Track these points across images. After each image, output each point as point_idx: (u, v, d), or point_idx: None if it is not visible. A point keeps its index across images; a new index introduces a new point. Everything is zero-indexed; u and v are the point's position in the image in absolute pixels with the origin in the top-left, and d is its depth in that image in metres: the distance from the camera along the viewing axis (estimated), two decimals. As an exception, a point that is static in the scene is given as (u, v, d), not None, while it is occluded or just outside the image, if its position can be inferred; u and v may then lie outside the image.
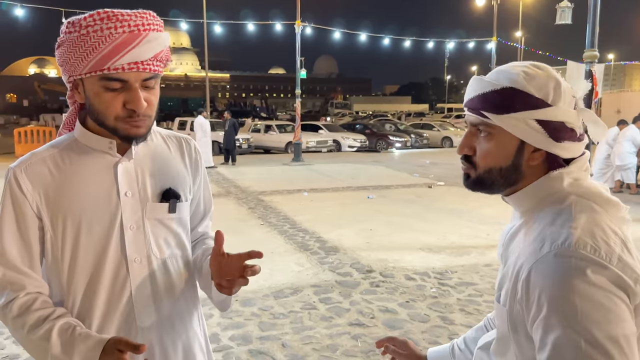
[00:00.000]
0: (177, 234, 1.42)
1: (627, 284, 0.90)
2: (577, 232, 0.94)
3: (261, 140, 22.48)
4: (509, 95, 1.03)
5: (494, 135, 1.06)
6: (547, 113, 1.02)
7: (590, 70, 6.88)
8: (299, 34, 18.05)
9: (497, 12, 23.70)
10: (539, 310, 0.91)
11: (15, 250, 1.28)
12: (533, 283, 0.93)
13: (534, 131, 1.02)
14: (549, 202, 1.05)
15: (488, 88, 1.05)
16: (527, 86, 1.02)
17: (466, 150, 1.11)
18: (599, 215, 0.99)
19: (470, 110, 1.09)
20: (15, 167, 1.30)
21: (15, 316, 1.25)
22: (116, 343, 1.16)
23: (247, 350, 3.80)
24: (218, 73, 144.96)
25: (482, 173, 1.09)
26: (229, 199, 10.23)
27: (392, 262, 5.94)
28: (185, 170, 1.46)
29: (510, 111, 1.02)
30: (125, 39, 1.20)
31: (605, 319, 0.86)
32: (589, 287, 0.88)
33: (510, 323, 1.02)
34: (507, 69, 1.07)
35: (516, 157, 1.06)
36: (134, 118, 1.26)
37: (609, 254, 0.92)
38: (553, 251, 0.93)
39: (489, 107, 1.04)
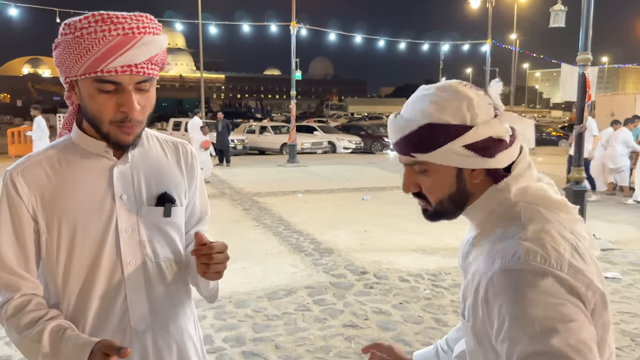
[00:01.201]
0: (171, 238, 1.42)
1: (579, 290, 0.91)
2: (526, 244, 0.95)
3: (256, 142, 22.45)
4: (430, 132, 1.03)
5: (431, 170, 1.08)
6: (470, 136, 1.02)
7: (583, 73, 6.92)
8: (295, 35, 18.05)
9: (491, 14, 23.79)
10: (500, 325, 0.92)
11: (11, 253, 1.28)
12: (491, 299, 0.95)
13: (465, 157, 1.03)
14: (498, 213, 1.07)
15: (407, 130, 1.06)
16: (442, 117, 1.03)
17: (412, 188, 1.13)
18: (547, 222, 1.00)
19: (399, 152, 1.11)
20: (12, 170, 1.31)
21: (10, 317, 1.26)
22: (103, 347, 1.16)
23: (240, 352, 3.80)
24: (213, 74, 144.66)
25: (435, 206, 1.11)
26: (223, 200, 10.22)
27: (386, 264, 5.96)
28: (181, 175, 1.47)
29: (435, 147, 1.03)
30: (118, 41, 1.20)
31: (563, 327, 0.87)
32: (543, 297, 0.89)
33: (476, 338, 1.04)
34: (418, 104, 1.07)
35: (459, 182, 1.08)
36: (125, 123, 1.25)
37: (559, 261, 0.93)
38: (504, 265, 0.94)
39: (415, 148, 1.06)
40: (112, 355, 1.14)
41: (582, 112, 7.04)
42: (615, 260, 6.15)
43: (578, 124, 7.12)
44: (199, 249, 1.28)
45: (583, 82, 6.93)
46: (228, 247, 1.34)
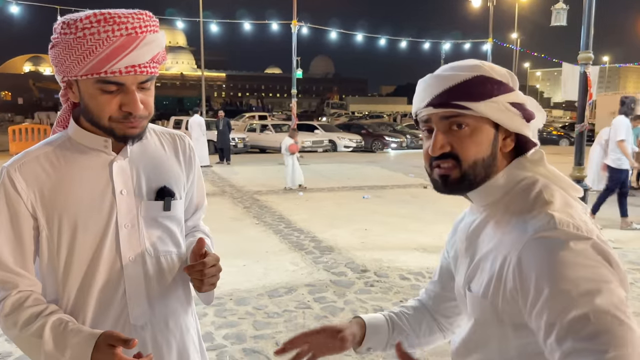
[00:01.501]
0: (171, 232, 1.42)
1: (610, 257, 0.93)
2: (557, 214, 0.97)
3: (257, 140, 22.44)
4: (484, 82, 1.04)
5: (471, 126, 1.05)
6: (516, 96, 1.07)
7: (584, 72, 6.91)
8: (296, 33, 18.06)
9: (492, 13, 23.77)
10: (538, 294, 0.91)
11: (8, 250, 1.27)
12: (526, 268, 0.94)
13: (512, 114, 1.05)
14: (519, 188, 1.07)
15: (457, 79, 1.04)
16: (493, 74, 1.06)
17: (444, 148, 1.05)
18: (568, 199, 1.04)
19: (439, 106, 1.05)
20: (8, 166, 1.30)
21: (8, 314, 1.25)
22: (107, 338, 1.16)
23: (241, 349, 3.80)
24: (214, 72, 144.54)
25: (467, 168, 1.05)
26: (224, 198, 10.22)
27: (386, 262, 5.95)
28: (180, 167, 1.47)
29: (490, 96, 1.04)
30: (122, 42, 1.19)
31: (605, 288, 0.87)
32: (581, 259, 0.90)
33: (495, 313, 1.02)
34: (463, 64, 1.09)
35: (494, 145, 1.07)
36: (129, 119, 1.25)
37: (590, 231, 0.95)
38: (539, 233, 0.95)
39: (467, 97, 1.03)
40: (118, 347, 1.14)
41: (584, 111, 7.03)
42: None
43: (579, 122, 7.12)
44: (193, 267, 1.31)
45: (584, 80, 6.92)
46: (230, 247, 1.35)
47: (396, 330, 1.34)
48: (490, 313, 1.03)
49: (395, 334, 1.33)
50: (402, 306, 1.41)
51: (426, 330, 1.37)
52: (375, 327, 1.32)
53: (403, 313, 1.38)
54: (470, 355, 1.12)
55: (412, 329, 1.35)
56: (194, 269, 1.31)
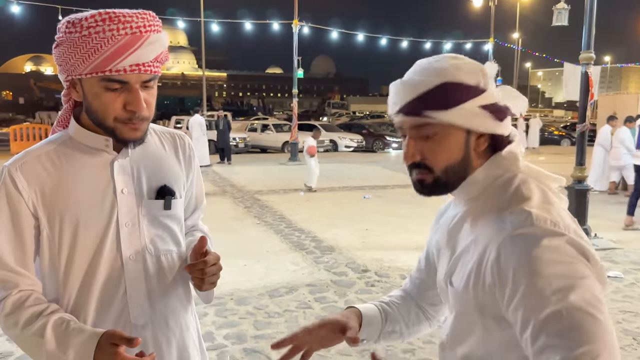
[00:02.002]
0: (171, 231, 1.43)
1: (587, 252, 0.94)
2: (534, 211, 0.98)
3: (258, 140, 22.45)
4: (448, 90, 1.03)
5: (441, 134, 1.05)
6: (486, 97, 1.05)
7: (586, 72, 6.90)
8: (297, 33, 18.04)
9: (494, 13, 23.75)
10: (515, 290, 0.93)
11: (8, 250, 1.27)
12: (504, 264, 0.95)
13: (482, 117, 1.04)
14: (498, 184, 1.08)
15: (424, 88, 1.04)
16: (459, 77, 1.04)
17: (416, 157, 1.08)
18: (546, 194, 1.04)
19: (408, 115, 1.06)
20: (9, 165, 1.30)
21: (9, 313, 1.25)
22: (110, 337, 1.16)
23: (241, 349, 3.80)
24: (215, 72, 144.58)
25: (439, 174, 1.08)
26: (224, 198, 10.22)
27: (387, 262, 5.95)
28: (179, 167, 1.47)
29: (455, 104, 1.03)
30: (127, 40, 1.20)
31: (579, 284, 0.88)
32: (557, 256, 0.91)
33: (476, 306, 1.03)
34: (433, 65, 1.06)
35: (465, 148, 1.08)
36: (132, 120, 1.25)
37: (567, 227, 0.96)
38: (517, 230, 0.96)
39: (434, 106, 1.03)
40: (120, 346, 1.14)
41: (585, 111, 7.03)
42: (617, 260, 6.14)
43: (580, 122, 7.11)
44: (194, 265, 1.31)
45: (586, 80, 6.92)
46: (231, 246, 1.35)
47: (389, 320, 1.33)
48: (471, 306, 1.05)
49: (388, 324, 1.33)
50: (389, 296, 1.41)
51: (415, 319, 1.37)
52: (370, 318, 1.30)
53: (393, 302, 1.38)
54: (456, 348, 1.13)
55: (402, 318, 1.35)
56: (195, 268, 1.31)
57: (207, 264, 1.31)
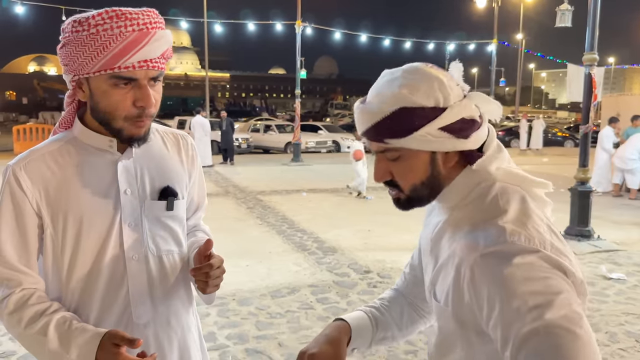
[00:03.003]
0: (174, 231, 1.43)
1: (563, 265, 0.92)
2: (509, 226, 0.96)
3: (260, 140, 22.47)
4: (403, 117, 1.00)
5: (404, 156, 1.05)
6: (446, 118, 1.00)
7: (589, 73, 6.89)
8: (300, 34, 18.05)
9: (497, 14, 23.74)
10: (491, 309, 0.91)
11: (12, 248, 1.28)
12: (479, 283, 0.93)
13: (441, 139, 1.01)
14: (474, 195, 1.06)
15: (379, 116, 1.03)
16: (415, 100, 1.00)
17: (384, 177, 1.10)
18: (525, 204, 1.01)
19: (370, 140, 1.07)
20: (14, 165, 1.30)
21: (12, 312, 1.25)
22: (112, 337, 1.17)
23: (243, 349, 3.80)
24: (218, 72, 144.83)
25: (409, 193, 1.09)
26: (227, 199, 10.23)
27: (389, 263, 5.95)
28: (182, 167, 1.48)
29: (411, 132, 1.01)
30: (135, 37, 1.21)
31: (555, 300, 0.86)
32: (530, 273, 0.89)
33: (457, 321, 1.02)
34: (387, 89, 1.03)
35: (432, 167, 1.06)
36: (141, 117, 1.26)
37: (542, 241, 0.94)
38: (489, 247, 0.94)
39: (389, 134, 1.03)
40: (122, 346, 1.15)
41: (588, 112, 7.01)
42: (620, 262, 6.12)
43: (584, 124, 7.09)
44: (200, 269, 1.30)
45: (589, 82, 6.90)
46: (233, 247, 1.35)
47: (380, 326, 1.31)
48: (453, 321, 1.04)
49: (380, 331, 1.31)
50: (380, 298, 1.39)
51: (407, 321, 1.36)
52: (360, 329, 1.28)
53: (383, 306, 1.36)
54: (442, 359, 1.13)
55: (394, 322, 1.34)
56: (201, 271, 1.31)
57: (212, 268, 1.31)
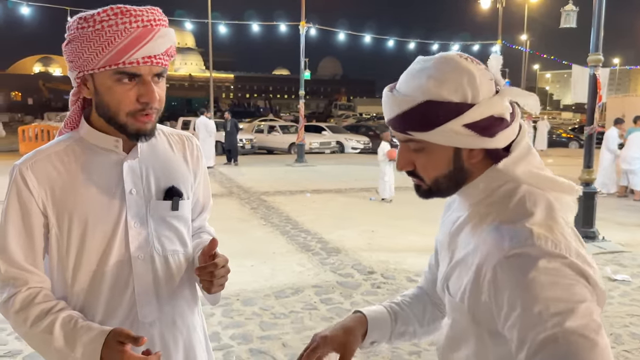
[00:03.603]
0: (178, 231, 1.44)
1: (587, 274, 0.90)
2: (536, 229, 0.94)
3: (264, 141, 22.49)
4: (428, 110, 0.98)
5: (427, 148, 1.04)
6: (472, 114, 0.97)
7: (594, 74, 6.87)
8: (304, 35, 18.06)
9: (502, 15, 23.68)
10: (511, 310, 0.90)
11: (18, 247, 1.29)
12: (501, 284, 0.92)
13: (465, 136, 0.99)
14: (499, 194, 1.04)
15: (404, 107, 1.01)
16: (441, 94, 0.97)
17: (407, 167, 1.09)
18: (552, 209, 0.99)
19: (394, 129, 1.06)
20: (20, 164, 1.31)
21: (18, 310, 1.26)
22: (117, 335, 1.18)
23: (247, 350, 3.81)
24: (222, 73, 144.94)
25: (430, 184, 1.08)
26: (231, 199, 10.25)
27: (393, 264, 5.95)
28: (187, 168, 1.48)
29: (434, 126, 0.99)
30: (140, 33, 1.22)
31: (576, 308, 0.86)
32: (554, 278, 0.88)
33: (472, 319, 1.02)
34: (415, 79, 1.01)
35: (455, 161, 1.05)
36: (145, 111, 1.27)
37: (568, 248, 0.92)
38: (515, 249, 0.92)
39: (413, 126, 1.01)
40: (127, 344, 1.16)
41: (593, 113, 6.99)
42: (625, 263, 6.10)
43: (588, 125, 7.07)
44: (205, 268, 1.30)
45: (594, 83, 6.89)
46: (237, 247, 1.35)
47: (399, 321, 1.31)
48: (466, 317, 1.03)
49: (399, 325, 1.31)
50: (403, 295, 1.39)
51: (430, 318, 1.35)
52: (377, 321, 1.28)
53: (404, 302, 1.36)
54: (451, 355, 1.12)
55: (415, 318, 1.33)
56: (206, 270, 1.31)
57: (217, 267, 1.31)
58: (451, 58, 1.01)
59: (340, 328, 1.24)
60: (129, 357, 1.15)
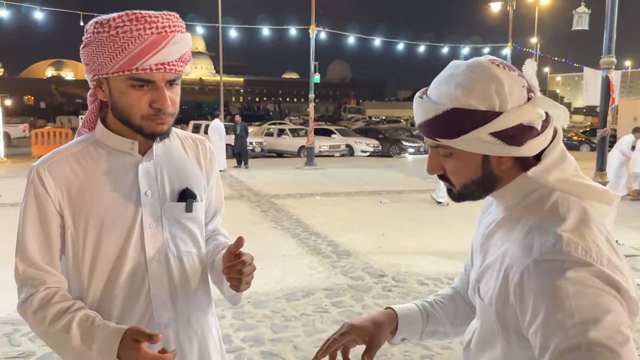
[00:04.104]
0: (192, 233, 1.45)
1: (617, 283, 0.89)
2: (567, 235, 0.93)
3: (274, 144, 22.55)
4: (455, 118, 0.99)
5: (456, 154, 1.04)
6: (499, 123, 0.96)
7: (607, 76, 6.82)
8: (314, 38, 18.10)
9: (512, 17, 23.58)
10: (535, 316, 0.90)
11: (36, 248, 1.30)
12: (527, 288, 0.92)
13: (491, 144, 0.98)
14: (533, 199, 1.04)
15: (432, 113, 1.02)
16: (469, 102, 0.97)
17: (436, 171, 1.10)
18: (586, 215, 0.98)
19: (424, 134, 1.08)
20: (38, 166, 1.33)
21: (36, 310, 1.28)
22: (133, 333, 1.19)
23: (259, 352, 3.82)
24: (232, 77, 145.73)
25: (459, 189, 1.09)
26: (241, 202, 10.28)
27: (404, 267, 5.93)
28: (201, 171, 1.49)
29: (460, 133, 0.99)
30: (153, 40, 1.23)
31: (602, 319, 0.84)
32: (582, 288, 0.87)
33: (500, 322, 1.01)
34: (444, 86, 1.02)
35: (484, 168, 1.04)
36: (159, 116, 1.28)
37: (599, 255, 0.91)
38: (544, 255, 0.92)
39: (439, 133, 1.02)
40: (142, 342, 1.17)
41: (606, 115, 6.93)
42: (639, 267, 6.04)
43: (601, 127, 7.02)
44: (233, 266, 1.30)
45: (607, 85, 6.83)
46: (247, 250, 1.35)
47: (430, 320, 1.31)
48: (495, 321, 1.03)
49: (430, 324, 1.31)
50: (436, 295, 1.40)
51: (462, 318, 1.34)
52: (408, 318, 1.29)
53: (437, 302, 1.36)
54: (479, 356, 1.12)
55: (447, 318, 1.33)
56: (234, 268, 1.30)
57: (245, 264, 1.31)
58: (481, 65, 1.00)
59: (370, 320, 1.27)
60: (145, 354, 1.15)
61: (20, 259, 1.31)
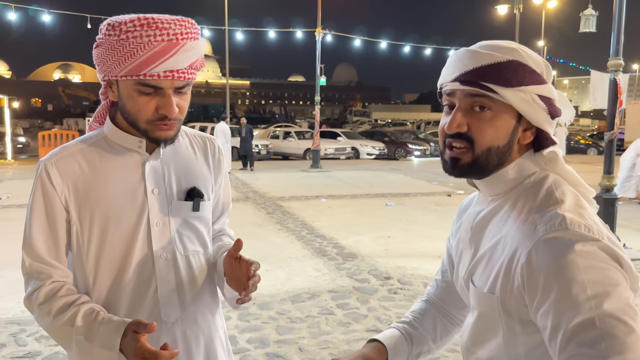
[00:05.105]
0: (199, 232, 1.45)
1: (620, 258, 0.91)
2: (568, 214, 0.95)
3: (280, 147, 22.59)
4: (518, 68, 1.01)
5: (494, 110, 1.02)
6: (546, 89, 1.03)
7: (614, 79, 6.78)
8: (320, 41, 18.13)
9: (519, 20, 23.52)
10: (546, 294, 0.90)
11: (42, 242, 1.31)
12: (536, 267, 0.92)
13: (538, 107, 1.02)
14: (528, 184, 1.06)
15: (491, 60, 1.01)
16: (529, 61, 1.02)
17: (460, 127, 1.03)
18: (578, 198, 1.02)
19: (465, 83, 1.02)
20: (46, 160, 1.34)
21: (42, 303, 1.28)
22: (134, 325, 1.19)
23: (264, 353, 3.81)
24: (238, 80, 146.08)
25: (479, 153, 1.03)
26: (247, 204, 10.29)
27: (410, 270, 5.91)
28: (209, 170, 1.49)
29: (519, 84, 1.00)
30: (163, 47, 1.22)
31: (613, 291, 0.86)
32: (591, 262, 0.88)
33: (503, 309, 1.01)
34: (501, 45, 1.04)
35: (512, 135, 1.05)
36: (164, 121, 1.28)
37: (600, 233, 0.93)
38: (550, 233, 0.93)
39: (496, 80, 1.00)
40: (142, 334, 1.17)
41: (613, 118, 6.89)
42: (647, 271, 5.99)
43: (609, 130, 6.98)
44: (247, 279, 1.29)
45: (614, 87, 6.79)
46: (253, 252, 1.35)
47: (414, 342, 1.29)
48: (496, 308, 1.02)
49: (415, 347, 1.29)
50: (412, 311, 1.36)
51: (442, 332, 1.34)
52: (396, 348, 1.26)
53: (415, 319, 1.33)
54: (477, 351, 1.11)
55: (429, 335, 1.32)
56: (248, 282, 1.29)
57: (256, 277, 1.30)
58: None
59: (360, 356, 1.21)
60: (141, 346, 1.15)
61: (27, 252, 1.32)
